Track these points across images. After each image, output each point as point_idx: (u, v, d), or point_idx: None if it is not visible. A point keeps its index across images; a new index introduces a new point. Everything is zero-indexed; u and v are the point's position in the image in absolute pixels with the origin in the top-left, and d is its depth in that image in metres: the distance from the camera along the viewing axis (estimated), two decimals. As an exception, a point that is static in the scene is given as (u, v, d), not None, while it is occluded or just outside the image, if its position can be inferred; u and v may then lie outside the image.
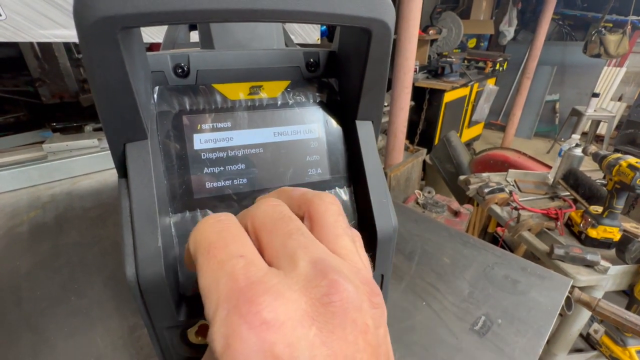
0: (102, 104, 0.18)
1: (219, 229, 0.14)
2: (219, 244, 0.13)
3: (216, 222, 0.15)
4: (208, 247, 0.13)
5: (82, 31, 0.15)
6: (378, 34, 0.20)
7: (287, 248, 0.13)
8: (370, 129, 0.26)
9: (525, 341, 0.51)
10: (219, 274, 0.12)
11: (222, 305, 0.11)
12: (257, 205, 0.16)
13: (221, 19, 0.16)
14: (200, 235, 0.14)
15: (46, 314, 0.53)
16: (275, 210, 0.15)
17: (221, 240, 0.14)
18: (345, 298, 0.11)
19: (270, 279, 0.12)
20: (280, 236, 0.14)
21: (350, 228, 0.16)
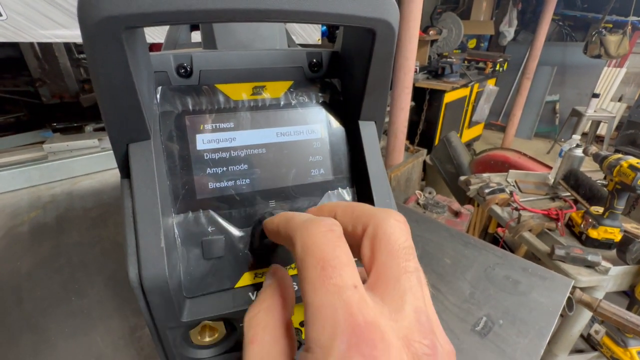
0: (105, 104, 0.18)
1: (332, 245, 0.15)
2: (333, 263, 0.14)
3: (328, 231, 0.15)
4: (322, 263, 0.14)
5: (86, 30, 0.15)
6: (382, 34, 0.20)
7: (400, 285, 0.14)
8: (374, 129, 0.26)
9: (527, 342, 0.51)
10: (336, 301, 0.13)
11: (341, 337, 0.12)
12: (386, 216, 0.16)
13: (225, 19, 0.16)
14: (312, 242, 0.15)
15: (47, 314, 0.53)
16: (405, 233, 0.16)
17: (335, 259, 0.14)
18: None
19: (381, 321, 0.13)
20: (398, 268, 0.15)
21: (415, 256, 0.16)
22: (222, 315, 0.22)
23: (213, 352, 0.24)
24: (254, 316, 0.17)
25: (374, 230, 0.16)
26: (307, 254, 0.15)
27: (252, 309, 0.18)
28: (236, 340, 0.24)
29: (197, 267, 0.23)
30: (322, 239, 0.15)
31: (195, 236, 0.23)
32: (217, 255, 0.23)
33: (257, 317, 0.17)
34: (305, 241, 0.15)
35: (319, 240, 0.15)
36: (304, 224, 0.16)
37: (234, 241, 0.24)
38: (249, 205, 0.24)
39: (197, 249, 0.23)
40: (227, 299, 0.23)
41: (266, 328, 0.16)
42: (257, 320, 0.17)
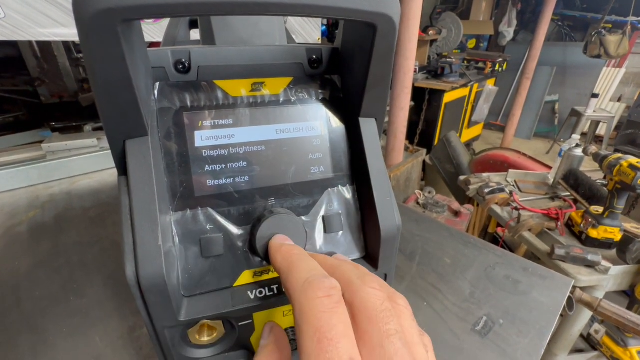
0: (102, 100, 0.18)
1: (330, 313, 0.15)
2: (330, 335, 0.14)
3: (326, 297, 0.15)
4: (319, 335, 0.14)
5: (82, 24, 0.15)
6: (383, 29, 0.20)
7: (384, 351, 0.14)
8: (374, 126, 0.26)
9: (528, 342, 0.51)
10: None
11: None
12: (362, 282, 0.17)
13: (224, 12, 0.15)
14: (309, 309, 0.15)
15: (46, 314, 0.53)
16: (381, 297, 0.16)
17: (332, 330, 0.14)
18: None
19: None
20: (379, 334, 0.15)
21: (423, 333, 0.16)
22: (220, 314, 0.22)
23: (212, 352, 0.24)
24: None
25: (350, 299, 0.16)
26: (304, 321, 0.15)
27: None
28: (235, 340, 0.24)
29: (196, 266, 0.22)
30: (319, 307, 0.15)
31: (194, 234, 0.22)
32: (216, 253, 0.23)
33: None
34: (303, 307, 0.15)
35: (316, 308, 0.15)
36: (303, 287, 0.16)
37: (233, 239, 0.23)
38: (248, 203, 0.24)
39: (196, 247, 0.22)
40: (226, 298, 0.22)
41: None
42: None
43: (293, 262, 0.19)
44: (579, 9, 3.98)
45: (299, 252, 0.20)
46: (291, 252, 0.20)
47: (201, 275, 0.22)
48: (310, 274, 0.17)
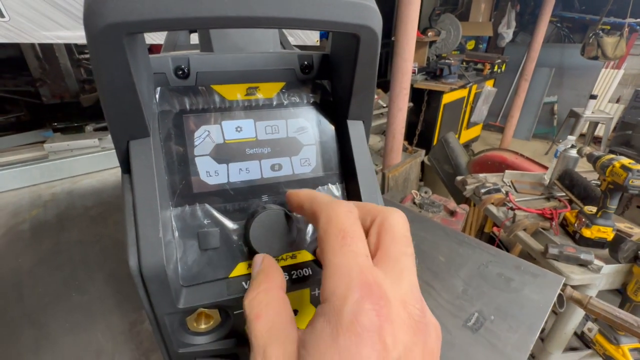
0: (107, 104, 0.20)
1: (351, 221, 0.18)
2: (352, 234, 0.17)
3: (349, 211, 0.19)
4: (343, 233, 0.17)
5: (91, 37, 0.16)
6: (366, 39, 0.21)
7: (399, 264, 0.17)
8: (361, 128, 0.27)
9: (517, 337, 0.53)
10: (352, 262, 0.16)
11: (355, 289, 0.15)
12: (391, 211, 0.19)
13: (219, 26, 0.17)
14: (335, 216, 0.18)
15: (48, 310, 0.54)
16: (406, 226, 0.19)
17: (354, 232, 0.18)
18: (428, 322, 0.16)
19: (384, 284, 0.16)
20: (398, 251, 0.18)
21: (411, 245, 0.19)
22: (217, 302, 0.23)
23: (209, 339, 0.25)
24: (254, 298, 0.19)
25: (381, 221, 0.19)
26: (330, 225, 0.18)
27: (250, 293, 0.20)
28: (230, 328, 0.25)
29: (194, 258, 0.24)
30: (344, 216, 0.18)
31: (192, 228, 0.24)
32: (213, 246, 0.24)
33: (257, 298, 0.19)
34: (330, 215, 0.19)
35: (342, 216, 0.18)
36: (330, 202, 0.20)
37: (229, 233, 0.25)
38: (243, 200, 0.25)
39: (194, 240, 0.24)
40: (222, 288, 0.24)
41: (268, 305, 0.19)
42: (258, 300, 0.19)
43: (314, 193, 0.23)
44: (577, 11, 4.00)
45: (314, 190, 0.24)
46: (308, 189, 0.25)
47: (199, 266, 0.24)
48: (332, 198, 0.21)
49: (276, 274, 0.21)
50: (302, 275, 0.25)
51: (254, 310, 0.18)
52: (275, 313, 0.18)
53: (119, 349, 0.49)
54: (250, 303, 0.19)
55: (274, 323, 0.18)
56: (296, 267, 0.26)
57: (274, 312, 0.18)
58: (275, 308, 0.18)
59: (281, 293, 0.20)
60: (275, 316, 0.18)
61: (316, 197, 0.21)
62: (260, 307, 0.18)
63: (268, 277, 0.20)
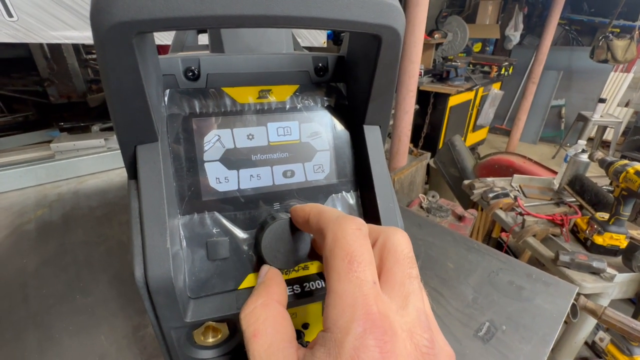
0: (115, 106, 0.19)
1: (360, 242, 0.17)
2: (360, 259, 0.16)
3: (357, 230, 0.17)
4: (350, 257, 0.16)
5: (99, 36, 0.15)
6: (388, 40, 0.20)
7: (404, 288, 0.16)
8: (378, 133, 0.26)
9: (530, 348, 0.51)
10: (357, 291, 0.15)
11: (358, 322, 0.14)
12: (393, 231, 0.18)
13: (234, 25, 0.16)
14: (342, 236, 0.17)
15: (52, 311, 0.54)
16: (409, 246, 0.18)
17: (362, 256, 0.16)
18: (437, 354, 0.15)
19: (390, 314, 0.15)
20: (403, 274, 0.17)
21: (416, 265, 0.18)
22: (225, 316, 0.22)
23: (216, 353, 0.24)
24: (250, 312, 0.18)
25: (383, 242, 0.18)
26: (337, 246, 0.17)
27: (247, 306, 0.19)
28: (239, 342, 0.24)
29: (202, 268, 0.23)
30: (352, 236, 0.17)
31: (201, 237, 0.23)
32: (222, 256, 0.23)
33: (254, 313, 0.18)
34: (337, 234, 0.17)
35: (349, 236, 0.17)
36: (337, 219, 0.18)
37: (239, 243, 0.24)
38: (254, 208, 0.24)
39: (202, 250, 0.23)
40: (231, 301, 0.23)
41: (266, 321, 0.18)
42: (255, 315, 0.18)
43: (322, 208, 0.21)
44: (586, 13, 3.95)
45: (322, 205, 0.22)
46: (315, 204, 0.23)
47: (207, 277, 0.23)
48: (340, 213, 0.19)
49: (277, 287, 0.20)
50: (314, 288, 0.24)
51: (251, 326, 0.17)
52: (274, 331, 0.17)
53: (122, 354, 0.48)
54: (246, 317, 0.18)
55: (272, 342, 0.17)
56: (308, 279, 0.25)
57: (273, 329, 0.17)
58: (273, 325, 0.17)
59: (280, 308, 0.19)
60: (274, 334, 0.17)
61: (323, 213, 0.20)
62: (258, 324, 0.17)
63: (267, 290, 0.20)
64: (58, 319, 0.52)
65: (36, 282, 0.60)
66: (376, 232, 0.19)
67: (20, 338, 0.50)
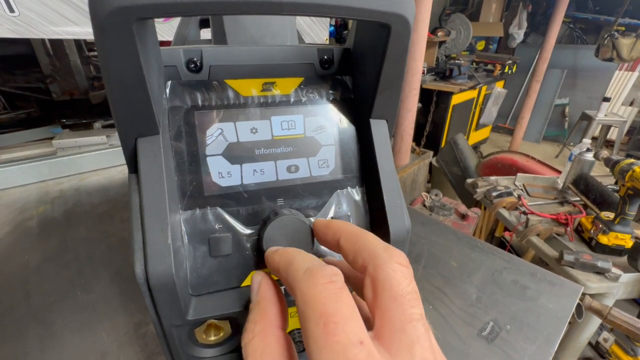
0: (115, 97, 0.18)
1: (334, 298, 0.14)
2: (336, 318, 0.14)
3: (329, 284, 0.15)
4: (324, 319, 0.14)
5: (97, 22, 0.15)
6: (397, 29, 0.19)
7: (406, 336, 0.14)
8: (385, 128, 0.25)
9: (535, 348, 0.50)
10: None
11: None
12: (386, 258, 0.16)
13: (238, 11, 0.15)
14: (312, 296, 0.15)
15: (53, 308, 0.54)
16: (408, 277, 0.15)
17: (338, 314, 0.14)
18: None
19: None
20: (403, 316, 0.14)
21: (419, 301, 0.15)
22: (227, 314, 0.22)
23: (218, 351, 0.24)
24: (249, 343, 0.17)
25: (374, 272, 0.15)
26: (307, 308, 0.14)
27: (247, 334, 0.17)
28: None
29: (204, 265, 0.22)
30: (322, 292, 0.14)
31: (203, 233, 0.22)
32: (224, 253, 0.23)
33: (252, 344, 0.17)
34: (306, 294, 0.15)
35: (320, 293, 0.14)
36: (304, 276, 0.16)
37: (241, 239, 0.23)
38: (257, 203, 0.24)
39: (204, 247, 0.22)
40: (234, 298, 0.22)
41: (264, 353, 0.16)
42: (254, 346, 0.17)
43: (292, 256, 0.18)
44: (591, 11, 3.92)
45: (297, 250, 0.19)
46: (287, 250, 0.20)
47: (209, 274, 0.22)
48: (310, 264, 0.16)
49: (274, 307, 0.18)
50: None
51: (249, 358, 0.16)
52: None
53: (124, 351, 0.48)
54: (245, 347, 0.17)
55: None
56: None
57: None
58: (271, 356, 0.16)
59: (278, 335, 0.17)
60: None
61: (290, 266, 0.17)
62: (256, 356, 0.16)
63: (263, 314, 0.18)
64: (59, 316, 0.52)
65: (38, 279, 0.60)
66: (367, 253, 0.16)
67: (22, 334, 0.49)
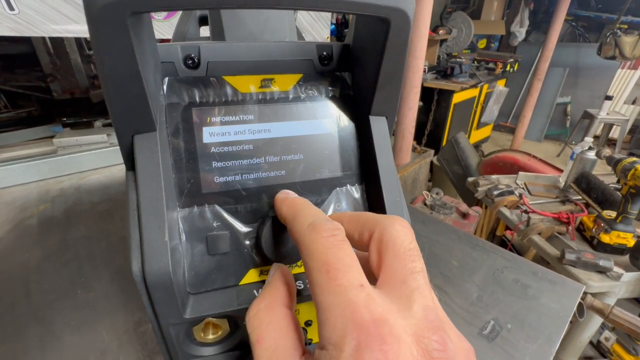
0: (110, 94, 0.18)
1: (335, 249, 0.15)
2: (337, 266, 0.15)
3: (330, 237, 0.16)
4: (326, 267, 0.15)
5: (92, 16, 0.14)
6: (397, 24, 0.19)
7: (407, 285, 0.15)
8: (385, 125, 0.25)
9: (536, 347, 0.50)
10: (342, 301, 0.14)
11: (351, 334, 0.13)
12: (391, 221, 0.17)
13: (235, 5, 0.15)
14: (315, 248, 0.16)
15: (54, 306, 0.54)
16: (410, 236, 0.16)
17: (339, 262, 0.15)
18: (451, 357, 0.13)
19: (389, 317, 0.13)
20: (405, 269, 0.15)
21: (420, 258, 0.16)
22: (226, 312, 0.22)
23: (216, 350, 0.23)
24: (254, 315, 0.17)
25: (379, 235, 0.16)
26: (311, 259, 0.16)
27: (253, 308, 0.18)
28: (240, 339, 0.24)
29: (202, 263, 0.22)
30: (325, 244, 0.16)
31: (200, 231, 0.22)
32: (222, 251, 0.22)
33: (258, 316, 0.17)
34: (309, 247, 0.16)
35: (322, 245, 0.16)
36: (308, 230, 0.17)
37: (240, 237, 0.23)
38: (255, 201, 0.24)
39: (202, 245, 0.22)
40: (232, 296, 0.22)
41: (270, 325, 0.17)
42: (259, 319, 0.17)
43: (297, 209, 0.19)
44: (593, 9, 3.90)
45: (303, 201, 0.21)
46: (295, 201, 0.21)
47: (207, 272, 0.22)
48: (314, 218, 0.17)
49: (282, 288, 0.19)
50: (317, 284, 0.23)
51: (255, 331, 0.17)
52: (278, 336, 0.16)
53: (124, 349, 0.48)
54: (250, 320, 0.17)
55: (276, 348, 0.16)
56: None
57: (277, 334, 0.16)
58: (278, 330, 0.17)
59: (285, 311, 0.18)
60: (279, 339, 0.16)
61: (295, 220, 0.18)
62: (262, 329, 0.17)
63: (273, 292, 0.19)
64: (59, 314, 0.52)
65: (38, 277, 0.60)
66: (371, 223, 0.17)
67: (22, 333, 0.49)
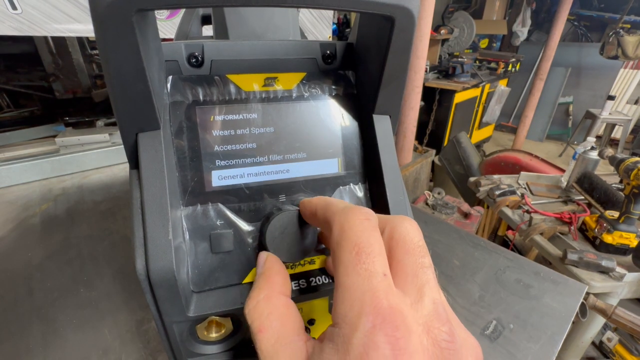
0: (115, 91, 0.18)
1: (368, 233, 0.16)
2: (368, 250, 0.15)
3: (365, 220, 0.16)
4: (357, 248, 0.15)
5: (97, 13, 0.14)
6: (401, 22, 0.19)
7: (418, 279, 0.15)
8: (388, 123, 0.25)
9: (538, 347, 0.50)
10: (365, 284, 0.14)
11: (367, 317, 0.13)
12: (401, 220, 0.18)
13: (239, 3, 0.15)
14: (349, 227, 0.16)
15: (56, 305, 0.54)
16: (419, 234, 0.17)
17: (370, 247, 0.15)
18: (458, 348, 0.14)
19: (404, 308, 0.14)
20: (415, 264, 0.16)
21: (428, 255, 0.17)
22: (229, 311, 0.22)
23: (219, 348, 0.23)
24: (254, 307, 0.18)
25: (390, 232, 0.17)
26: (343, 238, 0.16)
27: (250, 301, 0.18)
28: (243, 337, 0.24)
29: (205, 261, 0.22)
30: (359, 226, 0.16)
31: (204, 229, 0.22)
32: (226, 249, 0.22)
33: (258, 307, 0.17)
34: (344, 225, 0.16)
35: (357, 227, 0.16)
36: (344, 210, 0.17)
37: (243, 235, 0.23)
38: (259, 199, 0.24)
39: (205, 243, 0.22)
40: (235, 295, 0.22)
41: (270, 315, 0.17)
42: (259, 310, 0.17)
43: (328, 199, 0.20)
44: (596, 9, 3.88)
45: None
46: (324, 197, 0.22)
47: (210, 271, 0.22)
48: (348, 203, 0.18)
49: (278, 277, 0.19)
50: (320, 283, 0.24)
51: (256, 322, 0.17)
52: (279, 324, 0.17)
53: (126, 348, 0.48)
54: (250, 312, 0.17)
55: (279, 336, 0.16)
56: (314, 273, 0.24)
57: (278, 323, 0.17)
58: (279, 318, 0.17)
59: (284, 299, 0.18)
60: (280, 327, 0.16)
61: (330, 204, 0.19)
62: (262, 319, 0.17)
63: (269, 282, 0.19)
64: (62, 313, 0.52)
65: (41, 276, 0.60)
66: (382, 221, 0.18)
67: (25, 331, 0.50)
